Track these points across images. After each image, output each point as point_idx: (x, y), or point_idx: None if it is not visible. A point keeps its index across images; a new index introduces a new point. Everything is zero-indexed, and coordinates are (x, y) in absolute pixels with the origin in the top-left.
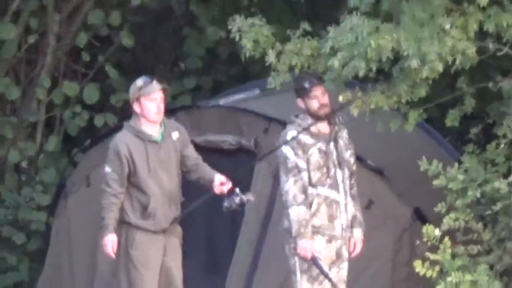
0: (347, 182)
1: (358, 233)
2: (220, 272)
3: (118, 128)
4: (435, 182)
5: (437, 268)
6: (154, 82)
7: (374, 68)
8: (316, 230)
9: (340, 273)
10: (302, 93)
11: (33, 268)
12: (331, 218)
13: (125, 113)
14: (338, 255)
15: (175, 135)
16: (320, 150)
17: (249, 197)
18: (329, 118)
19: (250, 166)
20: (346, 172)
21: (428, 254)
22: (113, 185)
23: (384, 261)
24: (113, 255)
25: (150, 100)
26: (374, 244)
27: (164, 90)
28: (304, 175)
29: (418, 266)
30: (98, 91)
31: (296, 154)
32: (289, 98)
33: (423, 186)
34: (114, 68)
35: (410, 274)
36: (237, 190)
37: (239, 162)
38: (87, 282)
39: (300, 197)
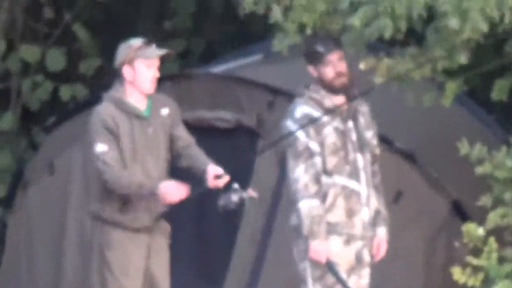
0: (369, 169)
1: (382, 232)
2: (214, 278)
3: (89, 102)
4: (479, 170)
5: (480, 275)
6: (154, 46)
7: (403, 28)
8: (331, 229)
9: (360, 281)
10: (315, 58)
11: None
12: (350, 214)
13: (97, 83)
14: (358, 260)
15: (164, 111)
16: (336, 129)
17: (251, 193)
18: (346, 90)
19: (251, 149)
20: (368, 156)
21: (469, 258)
22: (116, 164)
23: (415, 266)
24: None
25: (148, 65)
26: (403, 246)
27: (165, 57)
28: (318, 160)
29: (457, 273)
30: (64, 56)
31: (307, 134)
32: (299, 65)
33: (463, 174)
34: (84, 28)
35: (446, 282)
36: (235, 185)
37: (237, 144)
38: None
39: (313, 188)
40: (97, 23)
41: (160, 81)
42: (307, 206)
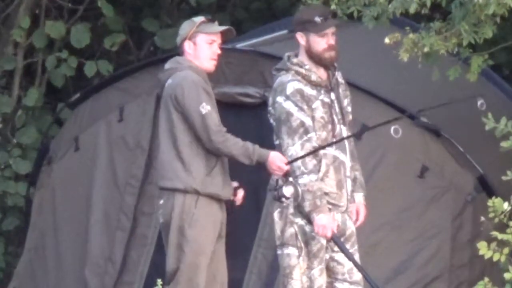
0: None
1: (360, 198)
2: (241, 255)
3: (114, 78)
4: (504, 144)
5: (506, 250)
6: (216, 23)
7: (428, 3)
8: None
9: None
10: (309, 27)
11: (9, 251)
12: (340, 185)
13: (122, 59)
14: (342, 232)
15: None
16: (323, 102)
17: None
18: (333, 64)
19: None
20: (347, 126)
21: (495, 233)
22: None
23: (441, 242)
24: None
25: (209, 41)
26: (429, 221)
27: (227, 34)
28: (313, 135)
29: (483, 248)
30: (88, 32)
31: (301, 109)
32: None
33: (488, 149)
34: (109, 4)
35: (473, 257)
36: (290, 178)
37: (263, 119)
38: (77, 268)
39: (311, 163)
40: None
41: None
42: (308, 181)
